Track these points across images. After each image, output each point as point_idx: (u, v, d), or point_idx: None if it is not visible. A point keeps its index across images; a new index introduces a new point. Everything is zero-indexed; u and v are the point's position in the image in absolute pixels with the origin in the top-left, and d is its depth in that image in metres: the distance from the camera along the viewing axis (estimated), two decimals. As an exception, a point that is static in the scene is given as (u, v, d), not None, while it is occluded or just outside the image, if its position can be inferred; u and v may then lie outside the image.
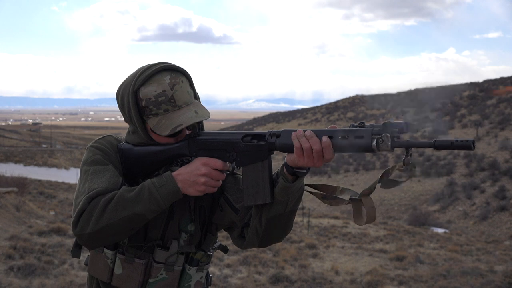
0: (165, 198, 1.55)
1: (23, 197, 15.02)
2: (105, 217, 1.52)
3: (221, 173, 1.61)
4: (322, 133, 1.49)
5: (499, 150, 38.36)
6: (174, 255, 1.69)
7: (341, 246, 13.46)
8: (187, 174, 1.57)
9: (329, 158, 1.48)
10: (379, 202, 32.53)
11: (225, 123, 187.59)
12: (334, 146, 1.47)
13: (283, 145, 1.54)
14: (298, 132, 1.51)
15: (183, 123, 1.59)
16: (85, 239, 1.56)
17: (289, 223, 1.65)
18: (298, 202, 1.61)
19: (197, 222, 1.74)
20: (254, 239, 1.67)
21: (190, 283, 1.73)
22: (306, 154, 1.48)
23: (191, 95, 1.67)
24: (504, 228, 24.53)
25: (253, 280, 8.39)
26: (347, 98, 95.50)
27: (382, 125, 1.42)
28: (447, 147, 1.35)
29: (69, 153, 50.79)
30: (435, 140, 1.35)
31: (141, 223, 1.57)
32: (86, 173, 1.63)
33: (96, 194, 1.55)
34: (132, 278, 1.68)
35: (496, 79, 74.13)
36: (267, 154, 1.58)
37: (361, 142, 1.43)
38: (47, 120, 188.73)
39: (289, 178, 1.55)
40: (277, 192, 1.56)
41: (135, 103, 1.63)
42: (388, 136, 1.39)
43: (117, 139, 1.77)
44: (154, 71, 1.62)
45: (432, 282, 9.16)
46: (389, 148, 1.40)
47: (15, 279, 6.62)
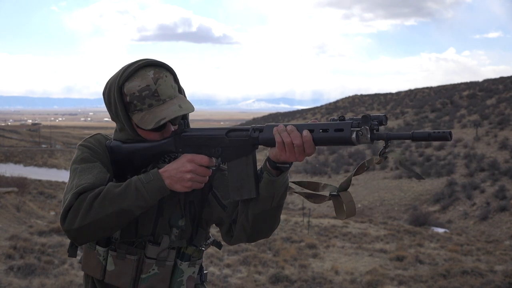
0: (152, 194, 1.57)
1: (23, 197, 15.03)
2: (92, 212, 1.53)
3: (207, 169, 1.63)
4: (303, 127, 1.50)
5: (499, 150, 38.36)
6: (165, 250, 1.70)
7: (341, 246, 13.46)
8: (173, 171, 1.59)
9: (310, 152, 1.49)
10: (379, 202, 32.54)
11: (224, 123, 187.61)
12: (315, 140, 1.48)
13: (266, 139, 1.55)
14: (280, 127, 1.52)
15: (166, 117, 1.61)
16: (73, 234, 1.57)
17: (276, 218, 1.66)
18: (283, 197, 1.62)
19: (187, 217, 1.75)
20: (241, 235, 1.69)
21: (183, 278, 1.74)
22: (288, 149, 1.50)
23: (175, 90, 1.69)
24: (504, 228, 24.53)
25: (253, 280, 8.39)
26: (347, 98, 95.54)
27: (362, 117, 1.42)
28: (425, 139, 1.36)
29: (69, 153, 50.77)
30: (413, 132, 1.36)
31: (129, 218, 1.58)
32: (75, 171, 1.65)
33: (83, 189, 1.57)
34: (124, 274, 1.70)
35: (496, 79, 74.13)
36: (251, 149, 1.60)
37: (341, 135, 1.43)
38: (46, 120, 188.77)
39: (273, 173, 1.56)
40: (262, 187, 1.58)
41: (121, 99, 1.66)
42: (367, 129, 1.40)
43: (106, 137, 1.78)
44: (138, 67, 1.65)
45: (432, 282, 9.16)
46: (369, 140, 1.41)
47: (15, 279, 6.62)
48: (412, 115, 61.79)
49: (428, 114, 60.05)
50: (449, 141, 1.35)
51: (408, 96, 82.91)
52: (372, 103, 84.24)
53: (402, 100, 79.32)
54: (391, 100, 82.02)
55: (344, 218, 1.57)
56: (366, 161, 1.51)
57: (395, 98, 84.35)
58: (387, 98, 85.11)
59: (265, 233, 1.69)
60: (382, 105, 78.99)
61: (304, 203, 22.54)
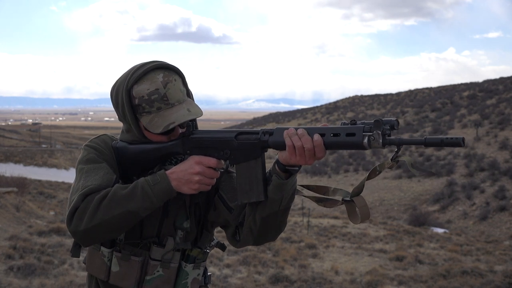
0: (159, 196, 1.56)
1: (23, 197, 15.03)
2: (99, 214, 1.53)
3: (215, 171, 1.62)
4: (313, 131, 1.48)
5: (499, 150, 38.36)
6: (170, 252, 1.70)
7: (341, 246, 13.45)
8: (181, 173, 1.58)
9: (320, 156, 1.48)
10: (379, 202, 32.53)
11: (225, 123, 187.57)
12: (326, 144, 1.47)
13: (276, 143, 1.54)
14: (290, 131, 1.51)
15: (175, 121, 1.61)
16: (79, 236, 1.57)
17: (283, 221, 1.66)
18: (291, 200, 1.61)
19: (192, 219, 1.74)
20: (248, 238, 1.68)
21: (187, 280, 1.74)
22: (298, 153, 1.48)
23: (184, 93, 1.68)
24: (504, 228, 24.53)
25: (253, 280, 8.39)
26: (347, 98, 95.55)
27: (374, 122, 1.41)
28: (437, 144, 1.35)
29: (69, 153, 50.75)
30: (425, 138, 1.36)
31: (135, 220, 1.58)
32: (81, 172, 1.64)
33: (90, 191, 1.56)
34: (129, 275, 1.69)
35: (496, 80, 74.12)
36: (260, 152, 1.59)
37: (352, 140, 1.43)
38: (47, 120, 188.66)
39: (282, 176, 1.55)
40: (271, 190, 1.57)
41: (129, 101, 1.65)
42: (379, 134, 1.40)
43: (112, 138, 1.78)
44: (147, 70, 1.63)
45: (432, 282, 9.16)
46: (380, 145, 1.40)
47: (15, 279, 6.62)
48: (412, 115, 61.77)
49: (428, 114, 60.03)
50: (462, 147, 1.33)
51: (408, 97, 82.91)
52: (372, 103, 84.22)
53: (402, 101, 79.30)
54: (391, 101, 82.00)
55: (359, 223, 1.56)
56: (378, 165, 1.49)
57: (395, 98, 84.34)
58: (387, 99, 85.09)
59: (271, 236, 1.68)
60: (382, 105, 78.96)
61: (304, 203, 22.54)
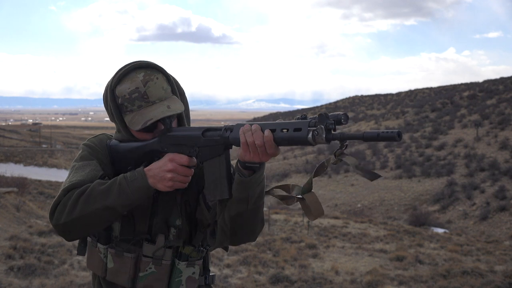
0: (135, 192, 1.58)
1: (23, 197, 15.02)
2: (77, 208, 1.56)
3: (188, 169, 1.62)
4: (265, 127, 1.46)
5: (500, 150, 38.36)
6: (161, 249, 1.71)
7: (341, 246, 13.46)
8: (156, 170, 1.60)
9: (272, 152, 1.46)
10: (379, 202, 32.54)
11: (225, 123, 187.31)
12: (276, 139, 1.44)
13: (234, 139, 1.53)
14: (245, 127, 1.49)
15: (153, 117, 1.63)
16: (60, 230, 1.61)
17: (255, 221, 1.63)
18: (260, 199, 1.59)
19: (183, 217, 1.75)
20: (223, 238, 1.67)
21: (181, 278, 1.74)
22: (251, 149, 1.47)
23: (168, 91, 1.70)
24: (504, 228, 24.54)
25: (253, 280, 8.39)
26: (347, 98, 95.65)
27: (318, 116, 1.39)
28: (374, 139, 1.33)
29: (69, 153, 50.78)
30: (364, 132, 1.34)
31: (114, 216, 1.60)
32: (72, 168, 1.70)
33: (73, 186, 1.61)
34: (123, 271, 1.72)
35: (496, 80, 74.11)
36: (223, 149, 1.58)
37: (299, 135, 1.40)
38: (47, 120, 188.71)
39: (244, 173, 1.53)
40: (235, 188, 1.55)
41: (114, 101, 1.70)
42: (323, 128, 1.36)
43: (109, 137, 1.82)
44: (128, 70, 1.68)
45: (432, 282, 9.16)
46: (324, 140, 1.37)
47: (15, 279, 6.62)
48: (413, 115, 61.78)
49: (428, 114, 60.05)
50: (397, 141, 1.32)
51: (408, 97, 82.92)
52: (372, 103, 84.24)
53: (402, 101, 79.31)
54: (391, 101, 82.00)
55: (313, 219, 1.56)
56: (325, 160, 1.48)
57: (395, 98, 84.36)
58: (387, 99, 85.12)
59: (246, 236, 1.66)
60: (382, 105, 78.99)
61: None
